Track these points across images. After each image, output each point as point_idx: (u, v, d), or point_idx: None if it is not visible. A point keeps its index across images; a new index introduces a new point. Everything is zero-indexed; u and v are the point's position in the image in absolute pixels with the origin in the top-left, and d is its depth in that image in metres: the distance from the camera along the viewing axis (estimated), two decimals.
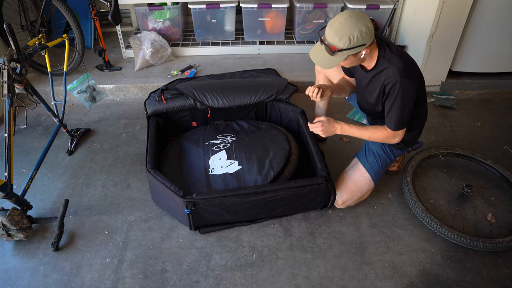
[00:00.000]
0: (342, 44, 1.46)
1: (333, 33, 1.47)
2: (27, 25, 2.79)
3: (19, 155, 2.35)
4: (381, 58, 1.60)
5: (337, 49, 1.48)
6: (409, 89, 1.55)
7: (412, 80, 1.56)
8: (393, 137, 1.70)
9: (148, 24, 3.19)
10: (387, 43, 1.62)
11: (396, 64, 1.55)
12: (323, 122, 1.72)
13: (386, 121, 1.68)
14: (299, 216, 1.95)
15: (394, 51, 1.59)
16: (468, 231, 1.84)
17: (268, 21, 3.26)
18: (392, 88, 1.56)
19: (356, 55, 1.54)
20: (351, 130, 1.73)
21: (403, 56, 1.60)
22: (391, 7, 3.13)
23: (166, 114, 2.32)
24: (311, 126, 1.75)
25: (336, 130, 1.73)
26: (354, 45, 1.47)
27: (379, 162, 1.88)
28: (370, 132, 1.74)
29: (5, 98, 1.75)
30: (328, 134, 1.74)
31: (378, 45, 1.61)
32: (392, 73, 1.55)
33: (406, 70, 1.54)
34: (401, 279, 1.67)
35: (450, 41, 2.75)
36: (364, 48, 1.50)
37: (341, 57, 1.50)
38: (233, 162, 1.99)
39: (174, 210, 1.87)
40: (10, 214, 1.69)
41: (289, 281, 1.65)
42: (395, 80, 1.54)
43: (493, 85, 3.04)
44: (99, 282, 1.65)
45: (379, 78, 1.63)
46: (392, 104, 1.60)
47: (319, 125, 1.72)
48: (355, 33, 1.44)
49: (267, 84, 2.38)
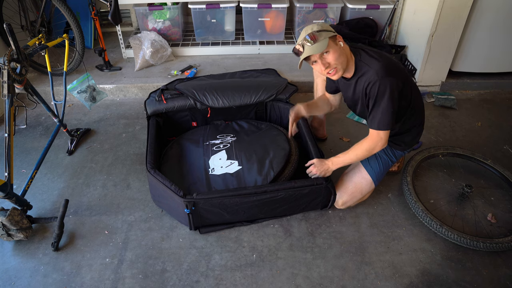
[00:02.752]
0: (316, 28, 1.57)
1: (304, 33, 1.59)
2: (27, 25, 2.79)
3: (19, 155, 2.35)
4: (359, 62, 1.65)
5: (315, 33, 1.56)
6: (389, 87, 1.55)
7: (392, 78, 1.55)
8: (377, 141, 1.67)
9: (148, 24, 3.19)
10: (362, 49, 1.67)
11: (374, 66, 1.58)
12: (315, 164, 1.82)
13: (369, 122, 1.67)
14: (299, 216, 1.95)
15: (371, 54, 1.63)
16: (468, 231, 1.84)
17: (268, 21, 3.26)
18: (372, 88, 1.57)
19: (335, 41, 1.59)
20: (339, 159, 1.79)
21: (382, 57, 1.62)
22: (391, 7, 3.13)
23: (166, 114, 2.32)
24: (309, 172, 1.85)
25: (328, 167, 1.81)
26: (325, 28, 1.58)
27: (381, 165, 1.88)
28: (355, 149, 1.75)
29: (5, 98, 1.75)
30: (326, 173, 1.81)
31: (354, 52, 1.66)
32: (371, 74, 1.58)
33: (384, 69, 1.55)
34: (401, 279, 1.67)
35: (450, 41, 2.75)
36: (337, 35, 1.60)
37: (324, 40, 1.55)
38: (233, 162, 1.99)
39: (174, 210, 1.87)
40: (10, 214, 1.69)
41: (289, 281, 1.65)
42: (374, 80, 1.56)
43: (493, 85, 3.04)
44: (99, 282, 1.65)
45: (360, 83, 1.65)
46: (374, 103, 1.60)
47: (313, 168, 1.82)
48: (315, 24, 1.61)
49: (267, 84, 2.38)
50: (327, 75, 1.66)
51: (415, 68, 2.93)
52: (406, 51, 3.09)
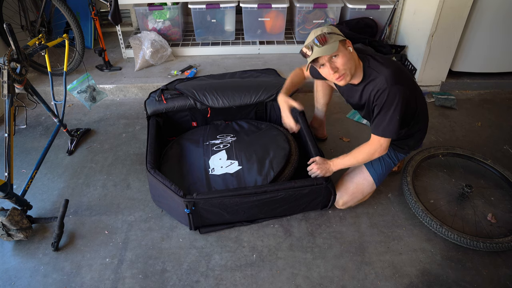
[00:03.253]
0: (326, 30, 1.54)
1: (313, 34, 1.55)
2: (27, 25, 2.79)
3: (19, 155, 2.35)
4: (367, 68, 1.63)
5: (325, 34, 1.52)
6: (398, 96, 1.54)
7: (401, 86, 1.55)
8: (376, 148, 1.66)
9: (148, 24, 3.19)
10: (370, 55, 1.66)
11: (383, 72, 1.57)
12: (317, 162, 1.82)
13: (372, 127, 1.65)
14: (299, 216, 1.95)
15: (379, 60, 1.62)
16: (468, 231, 1.84)
17: (268, 21, 3.26)
18: (381, 95, 1.57)
19: (344, 45, 1.56)
20: (340, 161, 1.79)
21: (390, 63, 1.61)
22: (391, 7, 3.13)
23: (166, 114, 2.32)
24: (310, 171, 1.84)
25: (330, 167, 1.81)
26: (335, 32, 1.55)
27: (383, 166, 1.89)
28: (355, 153, 1.74)
29: (5, 98, 1.75)
30: (326, 173, 1.80)
31: (362, 59, 1.65)
32: (380, 81, 1.57)
33: (393, 77, 1.55)
34: (401, 279, 1.67)
35: (450, 41, 2.75)
36: (347, 40, 1.58)
37: (334, 42, 1.52)
38: (233, 162, 1.99)
39: (174, 210, 1.87)
40: (10, 214, 1.69)
41: (289, 281, 1.65)
42: (383, 88, 1.55)
43: (493, 85, 3.04)
44: (99, 282, 1.65)
45: (368, 89, 1.64)
46: (380, 110, 1.59)
47: (315, 166, 1.81)
48: (324, 26, 1.58)
49: (267, 84, 2.38)
50: (334, 80, 1.62)
51: (415, 68, 2.93)
52: (406, 51, 3.09)
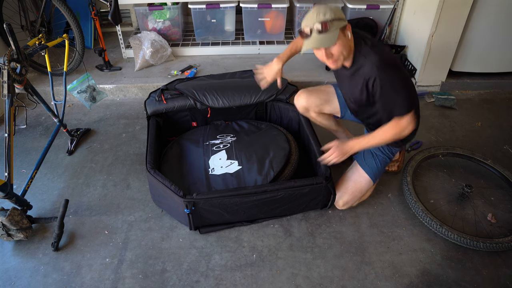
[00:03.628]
0: (329, 15, 1.47)
1: (315, 16, 1.48)
2: (27, 25, 2.79)
3: (19, 155, 2.35)
4: (357, 53, 1.61)
5: (327, 22, 1.47)
6: (394, 74, 1.56)
7: (392, 66, 1.57)
8: (406, 126, 1.59)
9: (148, 24, 3.19)
10: (363, 38, 1.63)
11: (371, 58, 1.56)
12: (337, 146, 1.69)
13: (396, 111, 1.59)
14: (299, 216, 1.95)
15: (369, 44, 1.60)
16: (468, 231, 1.84)
17: (268, 21, 3.26)
18: (375, 82, 1.56)
19: (344, 32, 1.53)
20: (363, 141, 1.68)
21: (379, 48, 1.60)
22: (391, 7, 3.13)
23: (166, 114, 2.32)
24: (325, 157, 1.72)
25: (351, 148, 1.69)
26: (338, 17, 1.48)
27: (377, 162, 1.88)
28: (381, 132, 1.64)
29: (5, 98, 1.75)
30: (343, 157, 1.69)
31: (356, 41, 1.62)
32: (370, 69, 1.56)
33: (382, 61, 1.55)
34: (401, 279, 1.67)
35: (450, 41, 2.74)
36: (347, 25, 1.53)
37: (334, 32, 1.48)
38: (233, 162, 1.99)
39: (174, 210, 1.87)
40: (10, 214, 1.69)
41: (289, 281, 1.65)
42: (375, 75, 1.55)
43: (493, 85, 3.04)
44: (99, 282, 1.65)
45: (359, 74, 1.63)
46: (388, 94, 1.57)
47: (332, 151, 1.69)
48: (328, 8, 1.49)
49: None
50: (326, 63, 1.61)
51: (415, 68, 2.93)
52: (406, 51, 3.09)
